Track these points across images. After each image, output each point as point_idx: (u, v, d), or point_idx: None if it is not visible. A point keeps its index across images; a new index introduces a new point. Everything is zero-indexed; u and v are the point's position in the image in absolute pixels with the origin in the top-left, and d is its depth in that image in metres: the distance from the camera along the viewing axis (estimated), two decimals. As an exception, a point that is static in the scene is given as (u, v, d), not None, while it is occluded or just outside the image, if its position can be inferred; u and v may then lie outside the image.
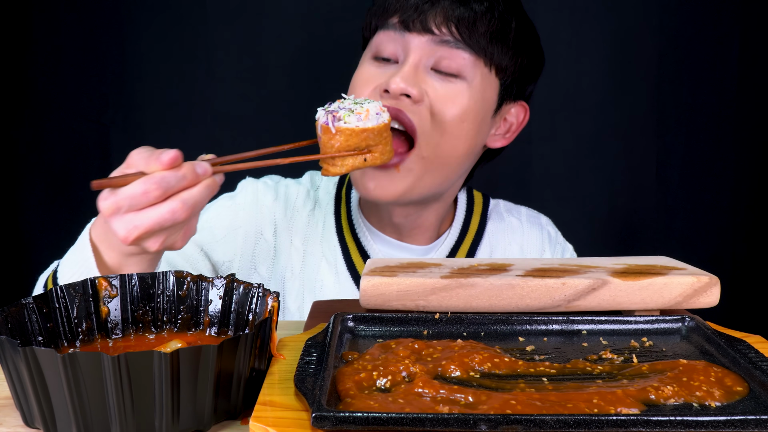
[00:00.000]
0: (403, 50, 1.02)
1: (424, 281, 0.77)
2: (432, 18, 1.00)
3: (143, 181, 0.74)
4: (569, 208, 1.93)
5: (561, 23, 1.90)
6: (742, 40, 1.92)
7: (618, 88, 1.94)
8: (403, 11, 1.01)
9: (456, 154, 1.04)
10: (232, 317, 0.71)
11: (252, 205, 1.15)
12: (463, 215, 1.19)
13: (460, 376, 0.61)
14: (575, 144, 1.96)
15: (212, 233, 1.12)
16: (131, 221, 0.74)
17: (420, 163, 1.01)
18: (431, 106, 1.00)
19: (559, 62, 1.91)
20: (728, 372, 0.60)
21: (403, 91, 0.98)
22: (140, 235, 0.75)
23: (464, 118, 1.02)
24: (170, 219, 0.74)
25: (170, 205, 0.74)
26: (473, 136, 1.05)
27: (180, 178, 0.75)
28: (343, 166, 0.93)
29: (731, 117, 1.96)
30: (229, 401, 0.59)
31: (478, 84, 1.02)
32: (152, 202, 0.74)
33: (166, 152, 0.75)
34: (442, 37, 1.00)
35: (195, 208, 0.76)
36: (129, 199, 0.74)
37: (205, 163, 0.78)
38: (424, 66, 1.01)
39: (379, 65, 1.05)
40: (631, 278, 0.77)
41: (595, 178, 1.97)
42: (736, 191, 1.99)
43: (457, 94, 1.01)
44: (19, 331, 0.63)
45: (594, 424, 0.50)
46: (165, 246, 0.78)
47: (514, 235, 1.20)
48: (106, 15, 1.91)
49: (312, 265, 1.13)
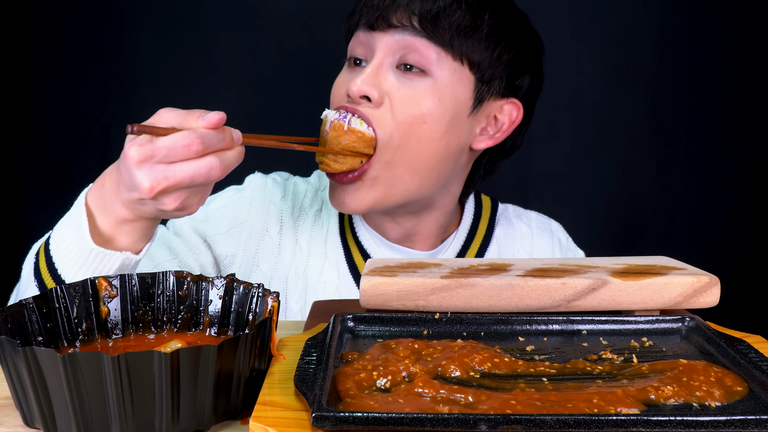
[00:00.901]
0: (370, 51, 1.00)
1: (424, 281, 0.77)
2: (393, 13, 0.98)
3: (186, 134, 0.74)
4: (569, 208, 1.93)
5: (561, 23, 1.90)
6: (742, 40, 1.92)
7: (618, 88, 1.94)
8: (368, 11, 1.00)
9: (424, 156, 1.00)
10: (232, 317, 0.71)
11: (259, 201, 1.13)
12: (471, 220, 1.17)
13: (460, 376, 0.61)
14: (575, 144, 1.96)
15: (216, 225, 1.10)
16: (162, 171, 0.74)
17: (385, 169, 0.99)
18: (392, 107, 0.98)
19: (559, 62, 1.91)
20: (728, 372, 0.60)
21: (361, 93, 0.97)
22: (167, 187, 0.75)
23: (426, 119, 0.98)
24: (205, 175, 0.75)
25: (209, 162, 0.75)
26: (440, 137, 0.99)
27: (221, 140, 0.76)
28: (344, 164, 0.95)
29: (731, 117, 1.96)
30: (229, 401, 0.59)
31: (446, 81, 0.98)
32: (190, 156, 0.74)
33: (212, 113, 0.76)
34: (404, 31, 0.97)
35: (228, 169, 0.78)
36: (167, 149, 0.74)
37: (238, 131, 0.80)
38: (388, 65, 0.99)
39: (352, 69, 1.03)
40: (631, 278, 0.77)
41: (595, 178, 1.97)
42: (736, 191, 1.99)
43: (421, 93, 0.98)
44: (19, 331, 0.63)
45: (594, 424, 0.50)
46: (182, 205, 0.78)
47: (523, 241, 1.18)
48: (106, 15, 1.91)
49: (315, 267, 1.12)
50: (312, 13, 1.89)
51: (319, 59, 1.89)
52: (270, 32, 1.90)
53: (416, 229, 1.11)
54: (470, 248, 1.15)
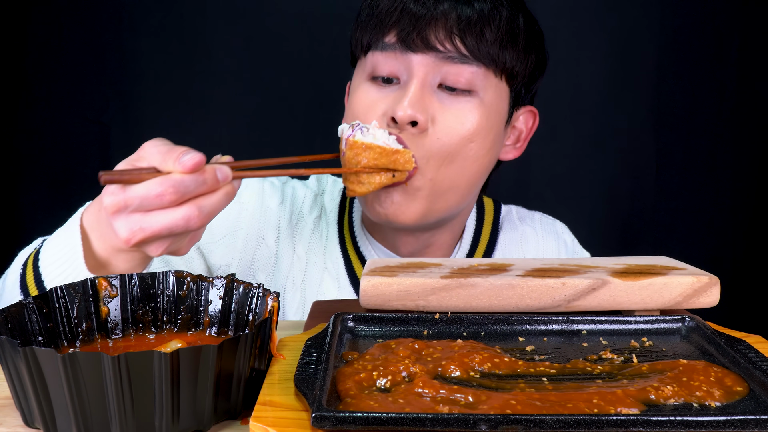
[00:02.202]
0: (405, 69, 0.93)
1: (424, 281, 0.77)
2: (433, 33, 0.90)
3: (159, 182, 0.68)
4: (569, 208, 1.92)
5: (561, 23, 1.90)
6: (742, 40, 1.92)
7: (618, 88, 1.94)
8: (400, 27, 0.92)
9: (468, 174, 0.97)
10: (232, 317, 0.71)
11: (256, 207, 1.08)
12: (474, 225, 1.12)
13: (460, 376, 0.61)
14: (575, 144, 1.96)
15: (211, 233, 1.05)
16: (137, 222, 0.69)
17: (429, 185, 0.94)
18: (437, 131, 0.92)
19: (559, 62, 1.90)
20: (728, 372, 0.60)
21: (411, 118, 0.90)
22: (145, 238, 0.70)
23: (473, 138, 0.93)
24: (183, 226, 0.69)
25: (186, 211, 0.69)
26: (485, 155, 0.97)
27: (200, 184, 0.69)
28: (370, 184, 0.85)
29: (731, 117, 1.96)
30: (229, 401, 0.59)
31: (490, 98, 0.94)
32: (165, 206, 0.68)
33: (190, 155, 0.69)
34: (447, 54, 0.91)
35: (211, 216, 0.71)
36: (140, 199, 0.68)
37: (226, 167, 0.72)
38: (430, 85, 0.92)
39: (379, 87, 0.95)
40: (631, 278, 0.77)
41: (595, 178, 1.98)
42: (736, 191, 1.99)
43: (468, 113, 0.93)
44: (19, 331, 0.63)
45: (594, 424, 0.50)
46: (168, 251, 0.74)
47: (528, 244, 1.14)
48: (106, 15, 1.91)
49: (314, 277, 1.08)
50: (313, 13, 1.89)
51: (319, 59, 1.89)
52: (270, 32, 1.90)
53: (431, 241, 1.06)
54: (475, 254, 1.11)
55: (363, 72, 0.98)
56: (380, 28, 0.94)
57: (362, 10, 0.99)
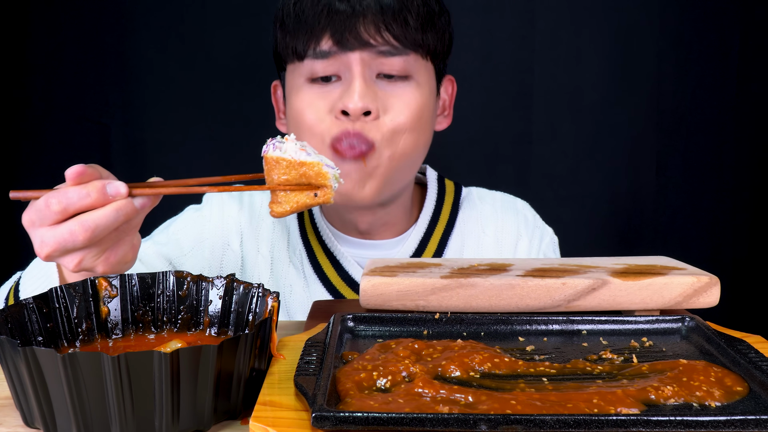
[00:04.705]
0: (345, 66, 0.98)
1: (424, 281, 0.77)
2: (364, 28, 0.96)
3: (47, 195, 0.71)
4: (569, 208, 1.93)
5: (561, 23, 1.90)
6: (742, 40, 1.92)
7: (618, 88, 1.94)
8: (333, 30, 0.96)
9: (418, 150, 1.04)
10: (232, 317, 0.71)
11: (218, 217, 1.15)
12: (433, 205, 1.16)
13: (460, 376, 0.61)
14: (575, 144, 1.96)
15: (179, 246, 1.11)
16: (41, 236, 0.71)
17: (386, 163, 1.00)
18: (387, 116, 0.99)
19: (559, 62, 1.91)
20: (728, 372, 0.60)
21: (364, 109, 0.96)
22: (50, 253, 0.71)
23: (420, 116, 1.01)
24: (70, 240, 0.70)
25: (68, 226, 0.70)
26: (428, 129, 1.05)
27: (83, 196, 0.70)
28: (287, 203, 0.77)
29: (731, 117, 1.96)
30: (229, 401, 0.59)
31: (423, 77, 1.02)
32: (55, 218, 0.70)
33: (75, 168, 0.72)
34: (380, 48, 0.97)
35: (96, 231, 0.70)
36: (36, 212, 0.71)
37: (120, 183, 0.72)
38: (370, 77, 0.99)
39: (321, 86, 1.00)
40: (631, 278, 0.77)
41: (595, 178, 1.97)
42: (736, 191, 1.99)
43: (410, 94, 1.00)
44: (19, 331, 0.63)
45: (594, 424, 0.50)
46: (82, 268, 0.74)
47: (487, 221, 1.17)
48: (106, 15, 1.91)
49: (280, 271, 1.13)
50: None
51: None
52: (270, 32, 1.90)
53: (385, 219, 1.12)
54: (433, 234, 1.14)
55: (300, 76, 1.02)
56: (312, 34, 0.98)
57: (284, 15, 1.02)
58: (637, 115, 1.96)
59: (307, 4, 0.99)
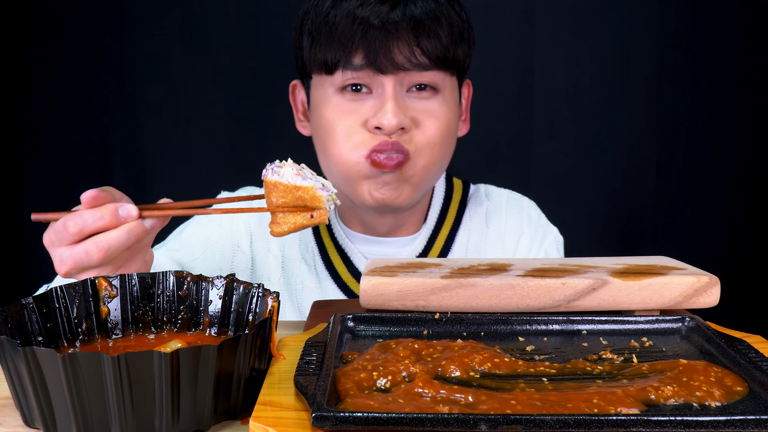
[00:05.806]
0: (377, 83, 1.00)
1: (424, 281, 0.77)
2: (398, 50, 0.97)
3: (65, 218, 0.76)
4: (569, 208, 1.93)
5: (561, 23, 1.90)
6: (742, 40, 1.92)
7: (618, 88, 1.94)
8: (366, 50, 0.96)
9: (446, 157, 1.07)
10: (232, 317, 0.71)
11: (227, 220, 1.16)
12: (441, 204, 1.18)
13: (460, 376, 0.61)
14: (575, 144, 1.96)
15: (191, 252, 1.13)
16: (60, 255, 0.77)
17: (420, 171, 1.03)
18: (419, 129, 1.01)
19: (559, 62, 1.91)
20: (728, 372, 0.60)
21: (398, 126, 0.98)
22: (69, 270, 0.77)
23: (448, 129, 1.04)
24: (86, 259, 0.75)
25: (84, 246, 0.75)
26: (454, 138, 1.08)
27: (97, 218, 0.75)
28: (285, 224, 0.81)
29: (731, 117, 1.96)
30: (229, 401, 0.59)
31: (448, 89, 1.04)
32: (73, 238, 0.76)
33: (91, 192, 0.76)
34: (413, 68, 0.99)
35: (110, 251, 0.76)
36: (55, 233, 0.77)
37: (131, 206, 0.77)
38: (402, 93, 1.00)
39: (351, 96, 1.01)
40: (631, 278, 0.77)
41: (595, 178, 1.98)
42: (736, 191, 1.99)
43: (438, 109, 1.02)
44: (19, 331, 0.63)
45: (594, 424, 0.50)
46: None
47: (491, 219, 1.19)
48: (106, 15, 1.91)
49: (291, 269, 1.14)
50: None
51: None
52: (270, 33, 1.90)
53: (403, 220, 1.13)
54: (441, 231, 1.16)
55: (330, 86, 1.02)
56: (344, 51, 0.98)
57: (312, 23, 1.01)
58: (637, 116, 1.96)
59: (340, 17, 0.97)
